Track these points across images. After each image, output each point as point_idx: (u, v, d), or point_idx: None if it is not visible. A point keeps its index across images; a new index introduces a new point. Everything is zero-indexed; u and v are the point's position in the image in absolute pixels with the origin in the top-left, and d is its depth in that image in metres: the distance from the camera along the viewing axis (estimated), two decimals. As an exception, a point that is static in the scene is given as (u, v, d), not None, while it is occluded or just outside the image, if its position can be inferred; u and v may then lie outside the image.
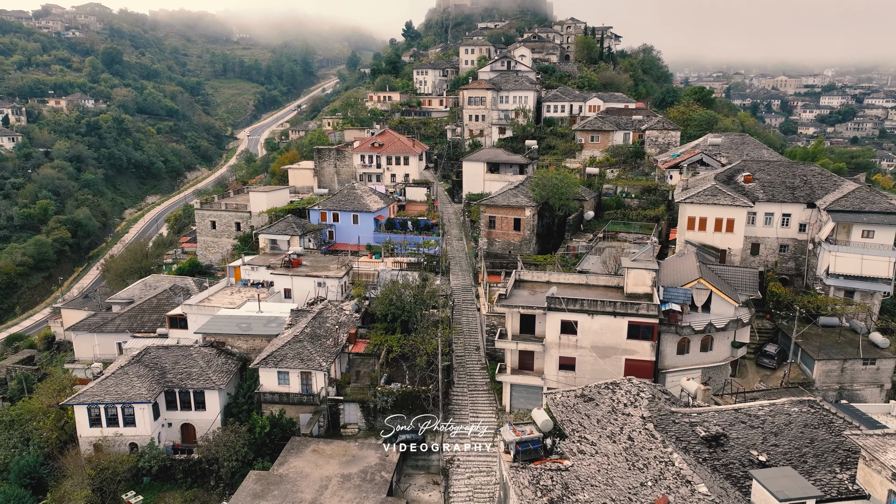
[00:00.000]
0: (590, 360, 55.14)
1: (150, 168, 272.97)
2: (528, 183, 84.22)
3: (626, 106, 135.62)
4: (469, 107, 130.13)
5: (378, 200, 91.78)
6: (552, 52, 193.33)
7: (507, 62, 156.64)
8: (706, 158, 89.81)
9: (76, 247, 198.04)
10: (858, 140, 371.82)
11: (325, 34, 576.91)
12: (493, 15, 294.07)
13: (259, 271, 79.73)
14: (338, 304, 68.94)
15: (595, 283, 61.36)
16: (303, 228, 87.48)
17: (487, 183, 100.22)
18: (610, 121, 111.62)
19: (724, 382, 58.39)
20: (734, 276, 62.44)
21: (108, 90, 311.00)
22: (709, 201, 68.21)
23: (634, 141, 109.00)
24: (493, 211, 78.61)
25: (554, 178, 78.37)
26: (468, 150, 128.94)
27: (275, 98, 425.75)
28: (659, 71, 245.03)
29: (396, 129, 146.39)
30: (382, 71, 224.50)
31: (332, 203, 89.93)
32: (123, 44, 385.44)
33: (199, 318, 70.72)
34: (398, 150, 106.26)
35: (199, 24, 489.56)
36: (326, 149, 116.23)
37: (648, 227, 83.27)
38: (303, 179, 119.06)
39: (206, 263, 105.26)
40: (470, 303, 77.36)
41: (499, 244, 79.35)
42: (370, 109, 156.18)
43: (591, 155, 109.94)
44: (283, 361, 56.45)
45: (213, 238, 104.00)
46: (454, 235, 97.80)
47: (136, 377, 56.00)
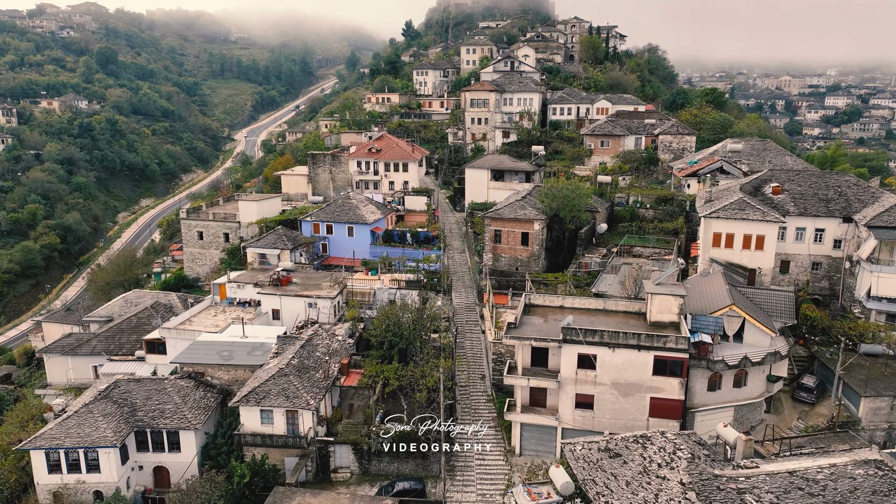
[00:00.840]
0: (610, 399, 49.14)
1: (144, 170, 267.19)
2: (537, 193, 78.21)
3: (635, 109, 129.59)
4: (471, 109, 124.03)
5: (375, 211, 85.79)
6: (556, 51, 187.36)
7: (511, 62, 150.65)
8: (726, 166, 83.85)
9: (66, 253, 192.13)
10: (865, 141, 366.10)
11: (324, 34, 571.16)
12: (495, 14, 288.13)
13: (246, 289, 73.76)
14: (329, 329, 62.95)
15: (614, 308, 55.37)
16: (294, 241, 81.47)
17: (492, 191, 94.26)
18: (621, 125, 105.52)
19: (759, 421, 52.41)
20: (767, 300, 56.43)
21: (102, 91, 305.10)
22: (736, 216, 62.19)
23: (647, 146, 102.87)
24: (499, 224, 72.60)
25: (565, 188, 72.33)
26: (470, 154, 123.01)
27: (273, 98, 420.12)
28: (665, 71, 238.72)
29: (395, 132, 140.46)
30: (381, 71, 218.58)
31: (326, 214, 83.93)
32: (119, 43, 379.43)
33: (178, 342, 64.83)
34: (397, 156, 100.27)
35: (197, 23, 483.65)
36: (321, 154, 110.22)
37: (666, 241, 77.30)
38: (296, 186, 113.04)
39: (193, 276, 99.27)
40: (474, 324, 71.38)
41: (505, 260, 73.34)
42: (368, 112, 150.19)
43: (600, 161, 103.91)
44: (266, 399, 50.42)
45: (201, 249, 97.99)
46: (456, 248, 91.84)
47: (102, 416, 49.96)
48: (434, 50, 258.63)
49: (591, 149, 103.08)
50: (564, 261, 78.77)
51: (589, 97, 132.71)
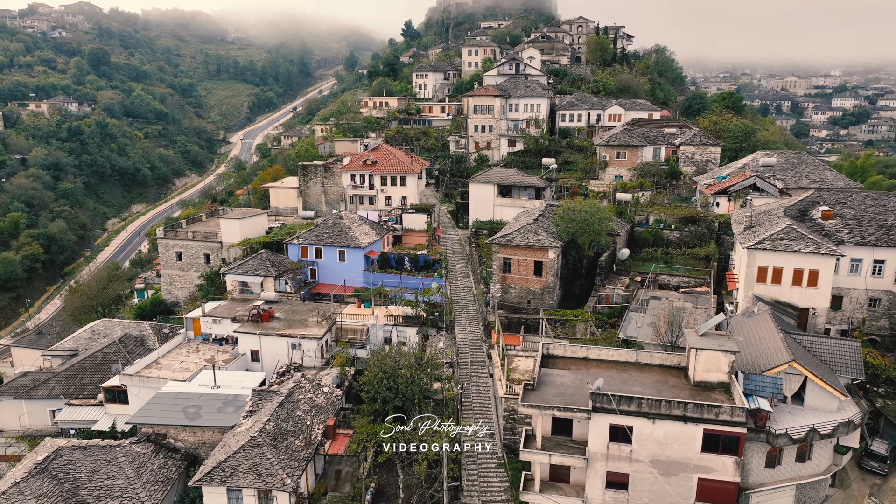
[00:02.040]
0: (649, 479, 40.66)
1: (135, 175, 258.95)
2: (550, 216, 69.70)
3: (650, 115, 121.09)
4: (474, 116, 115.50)
5: (369, 232, 77.26)
6: (562, 53, 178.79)
7: (516, 65, 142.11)
8: (760, 183, 75.32)
9: (49, 263, 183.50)
10: (874, 143, 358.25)
11: (322, 34, 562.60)
12: (496, 13, 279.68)
13: (223, 324, 65.34)
14: (315, 378, 54.49)
15: (648, 361, 46.87)
16: (279, 267, 72.95)
17: (498, 209, 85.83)
18: (638, 134, 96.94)
19: (823, 500, 43.91)
20: (829, 350, 47.89)
21: (93, 93, 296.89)
22: (786, 248, 53.67)
23: (668, 158, 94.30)
24: (509, 252, 64.09)
25: (583, 211, 63.79)
26: (473, 164, 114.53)
27: (270, 100, 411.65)
28: (674, 72, 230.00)
29: (393, 139, 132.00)
30: (379, 73, 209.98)
31: (315, 236, 75.39)
32: (112, 44, 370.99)
33: (141, 390, 56.46)
34: (394, 169, 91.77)
35: (193, 23, 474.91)
36: (312, 166, 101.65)
37: (696, 269, 68.79)
38: (286, 200, 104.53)
39: (172, 300, 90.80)
40: (481, 365, 62.81)
41: (515, 292, 64.84)
42: (365, 117, 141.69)
43: (616, 174, 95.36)
44: (234, 476, 41.95)
45: (179, 271, 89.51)
46: (459, 271, 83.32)
47: (35, 499, 41.53)
48: (434, 50, 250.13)
49: (605, 160, 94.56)
50: (581, 290, 70.32)
51: (600, 102, 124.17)
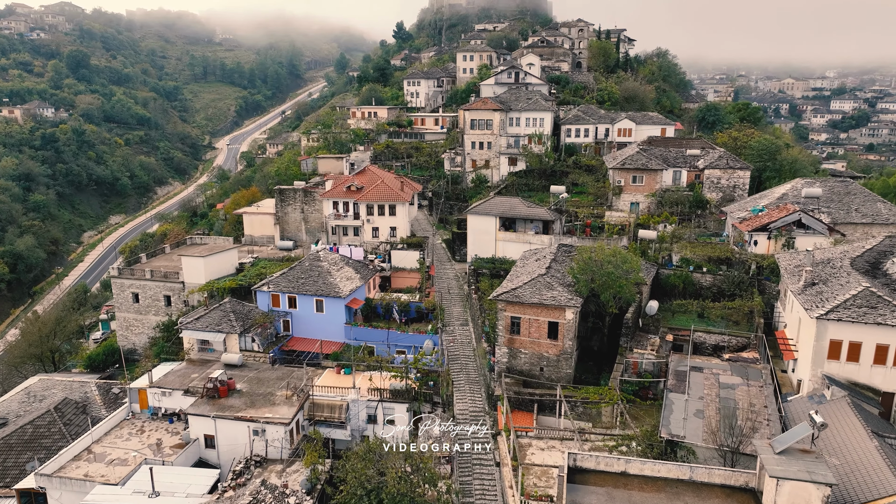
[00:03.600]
0: None
1: (114, 184, 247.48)
2: (564, 260, 59.06)
3: (663, 130, 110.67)
4: (471, 132, 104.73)
5: (352, 276, 66.33)
6: (563, 58, 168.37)
7: (515, 73, 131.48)
8: (806, 219, 64.94)
9: (16, 283, 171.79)
10: (875, 147, 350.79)
11: (313, 34, 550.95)
12: (491, 15, 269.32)
13: (174, 396, 54.39)
14: (280, 481, 43.65)
15: (706, 479, 36.26)
16: (245, 320, 61.94)
17: (501, 244, 75.16)
18: (656, 155, 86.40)
19: None
20: (935, 462, 37.35)
21: (71, 97, 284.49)
22: (866, 319, 43.20)
23: (690, 183, 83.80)
24: (518, 310, 53.39)
25: (607, 260, 53.12)
26: (471, 185, 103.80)
27: (258, 103, 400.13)
28: (678, 78, 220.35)
29: (383, 154, 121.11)
30: (369, 78, 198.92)
31: (288, 282, 64.41)
32: (94, 46, 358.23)
33: (63, 495, 45.54)
34: (382, 197, 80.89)
35: (179, 23, 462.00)
36: (291, 190, 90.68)
37: (735, 322, 58.35)
38: (261, 227, 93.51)
39: (129, 347, 79.64)
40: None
41: (525, 357, 54.14)
42: (352, 129, 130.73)
43: (631, 200, 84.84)
44: None
45: (136, 315, 78.37)
46: (456, 316, 72.56)
47: None
48: (427, 53, 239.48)
49: (620, 185, 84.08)
50: (601, 346, 59.83)
51: (608, 116, 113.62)
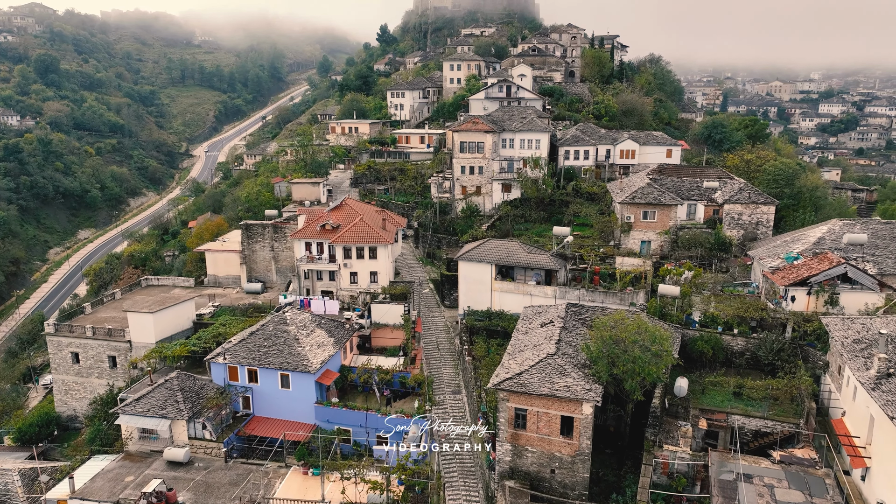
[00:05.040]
0: None
1: (82, 197, 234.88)
2: (575, 329, 49.57)
3: (668, 152, 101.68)
4: (461, 155, 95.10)
5: (324, 340, 56.38)
6: (555, 68, 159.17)
7: (507, 87, 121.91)
8: (853, 273, 55.97)
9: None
10: (864, 152, 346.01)
11: (295, 36, 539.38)
12: (477, 18, 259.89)
13: (103, 508, 44.35)
14: None
15: None
16: (195, 400, 51.79)
17: (497, 295, 65.57)
18: (668, 186, 77.15)
19: None
20: None
21: (39, 104, 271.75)
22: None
23: (709, 219, 74.62)
24: (525, 401, 43.82)
25: (632, 339, 43.61)
26: (461, 215, 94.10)
27: (238, 107, 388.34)
28: (673, 86, 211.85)
29: (364, 176, 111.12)
30: (352, 87, 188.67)
31: (248, 352, 54.32)
32: (65, 49, 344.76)
33: None
34: (361, 238, 70.93)
35: (156, 25, 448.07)
36: (259, 226, 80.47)
37: (777, 402, 49.17)
38: (226, 266, 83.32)
39: (69, 414, 69.25)
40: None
41: (533, 457, 44.58)
42: (331, 147, 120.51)
43: (641, 238, 75.53)
44: None
45: (77, 378, 67.93)
46: (447, 381, 62.92)
47: None
48: (412, 59, 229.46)
49: (630, 221, 74.74)
50: (619, 427, 50.53)
51: (609, 136, 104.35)
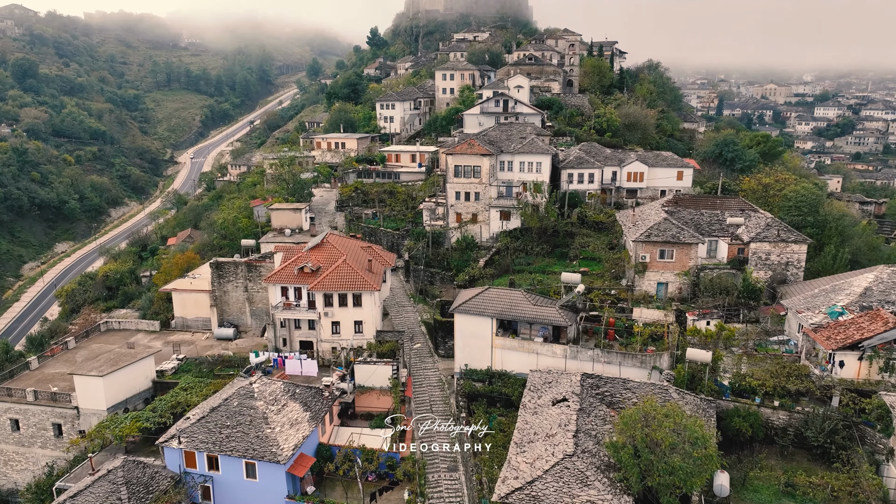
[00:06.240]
0: None
1: (60, 208, 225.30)
2: (595, 413, 41.64)
3: (679, 174, 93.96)
4: (456, 180, 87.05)
5: (299, 417, 48.14)
6: (553, 77, 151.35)
7: (504, 102, 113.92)
8: (912, 337, 48.26)
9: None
10: (861, 156, 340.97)
11: (285, 38, 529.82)
12: (470, 22, 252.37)
13: None
14: None
15: None
16: (146, 492, 43.56)
17: (499, 352, 57.52)
18: (686, 221, 69.33)
19: None
20: None
21: (15, 110, 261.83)
22: None
23: (733, 258, 66.86)
24: (536, 517, 35.97)
25: (670, 443, 35.71)
26: (455, 246, 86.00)
27: (225, 112, 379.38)
28: (673, 94, 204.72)
29: (351, 199, 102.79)
30: (340, 96, 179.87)
31: (207, 433, 46.04)
32: (45, 52, 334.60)
33: None
34: (344, 283, 62.69)
35: (141, 27, 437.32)
36: (231, 264, 72.10)
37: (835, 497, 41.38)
38: (196, 308, 74.85)
39: (9, 488, 60.69)
40: None
41: (547, 583, 36.65)
42: (316, 167, 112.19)
43: (658, 279, 67.71)
44: None
45: (18, 448, 59.40)
46: (442, 458, 54.70)
47: None
48: (402, 64, 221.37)
49: (645, 261, 66.99)
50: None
51: (615, 156, 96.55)
